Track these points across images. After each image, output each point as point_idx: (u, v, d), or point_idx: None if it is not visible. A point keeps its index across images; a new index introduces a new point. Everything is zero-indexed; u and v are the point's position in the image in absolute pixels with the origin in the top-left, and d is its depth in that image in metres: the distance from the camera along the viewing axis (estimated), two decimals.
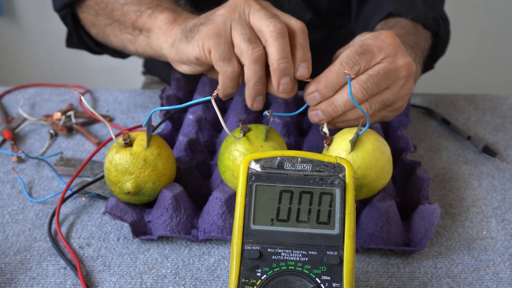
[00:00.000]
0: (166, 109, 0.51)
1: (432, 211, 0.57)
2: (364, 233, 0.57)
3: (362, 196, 0.58)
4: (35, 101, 0.84)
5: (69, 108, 0.80)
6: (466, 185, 0.67)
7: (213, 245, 0.59)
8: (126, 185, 0.57)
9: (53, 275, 0.55)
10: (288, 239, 0.45)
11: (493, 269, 0.56)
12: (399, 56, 0.59)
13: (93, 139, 0.74)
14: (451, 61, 1.70)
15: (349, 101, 0.57)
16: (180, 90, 0.82)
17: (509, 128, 0.78)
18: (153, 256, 0.58)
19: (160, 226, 0.59)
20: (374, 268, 0.56)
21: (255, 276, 0.44)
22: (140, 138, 0.59)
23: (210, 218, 0.58)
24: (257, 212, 0.45)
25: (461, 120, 0.80)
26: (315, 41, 0.94)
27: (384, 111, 0.61)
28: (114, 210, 0.59)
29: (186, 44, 0.61)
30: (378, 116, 0.61)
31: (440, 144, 0.75)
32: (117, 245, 0.59)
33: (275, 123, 0.70)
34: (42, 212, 0.63)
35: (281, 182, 0.46)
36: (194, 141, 0.67)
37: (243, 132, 0.57)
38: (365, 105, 0.58)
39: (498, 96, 0.86)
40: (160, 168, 0.58)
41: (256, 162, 0.46)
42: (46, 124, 0.79)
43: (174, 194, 0.58)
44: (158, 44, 0.67)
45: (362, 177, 0.55)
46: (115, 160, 0.58)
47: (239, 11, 0.59)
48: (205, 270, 0.56)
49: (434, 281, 0.55)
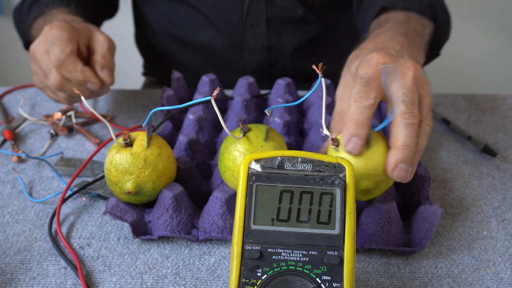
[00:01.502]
0: (166, 109, 0.51)
1: (432, 211, 0.57)
2: (364, 233, 0.57)
3: (377, 194, 0.57)
4: (35, 101, 0.84)
5: (69, 108, 0.80)
6: (467, 185, 0.67)
7: (213, 245, 0.59)
8: (126, 185, 0.57)
9: (54, 275, 0.55)
10: (289, 239, 0.45)
11: (494, 269, 0.56)
12: (406, 70, 0.56)
13: (93, 139, 0.74)
14: (451, 61, 1.70)
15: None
16: (181, 90, 0.82)
17: (509, 128, 0.78)
18: (154, 256, 0.58)
19: (161, 226, 0.59)
20: (374, 268, 0.56)
21: (256, 276, 0.44)
22: (141, 138, 0.59)
23: (211, 218, 0.58)
24: (258, 212, 0.45)
25: (461, 120, 0.80)
26: (308, 38, 0.94)
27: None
28: (114, 210, 0.59)
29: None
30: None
31: (441, 144, 0.75)
32: (118, 245, 0.59)
33: (275, 123, 0.70)
34: (43, 212, 0.63)
35: (282, 182, 0.46)
36: (194, 141, 0.67)
37: (243, 132, 0.57)
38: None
39: (498, 96, 0.86)
40: (161, 168, 0.58)
41: (257, 162, 0.46)
42: (46, 124, 0.79)
43: (174, 194, 0.58)
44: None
45: (382, 173, 0.55)
46: (115, 160, 0.57)
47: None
48: (206, 270, 0.56)
49: (434, 281, 0.55)
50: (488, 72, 1.82)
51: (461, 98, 0.85)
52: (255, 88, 0.81)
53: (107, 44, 0.71)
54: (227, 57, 0.97)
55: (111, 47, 0.72)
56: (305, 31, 0.59)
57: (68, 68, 0.67)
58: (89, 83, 0.68)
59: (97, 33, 0.72)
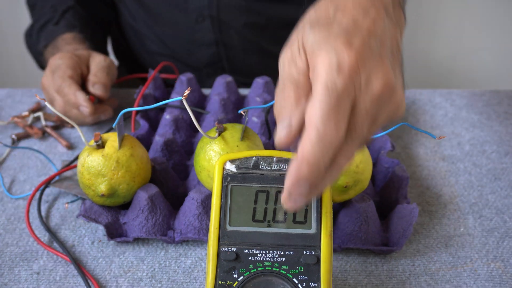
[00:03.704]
0: (136, 110, 0.50)
1: (410, 210, 0.57)
2: (342, 232, 0.57)
3: (352, 195, 0.57)
4: (6, 103, 0.82)
5: (37, 107, 0.79)
6: (443, 182, 0.68)
7: (189, 247, 0.58)
8: (99, 187, 0.56)
9: (26, 281, 0.54)
10: (265, 240, 0.44)
11: (471, 266, 0.56)
12: (374, 76, 0.38)
13: (63, 142, 0.73)
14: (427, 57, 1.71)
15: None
16: (157, 89, 0.81)
17: (486, 124, 0.79)
18: (129, 259, 0.56)
19: (136, 227, 0.58)
20: (352, 266, 0.56)
21: (232, 278, 0.43)
22: (112, 139, 0.57)
23: (187, 219, 0.57)
24: (233, 213, 0.45)
25: (438, 116, 0.80)
26: (289, 18, 0.91)
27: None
28: (88, 212, 0.58)
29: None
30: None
31: (417, 141, 0.75)
32: (92, 248, 0.58)
33: (253, 122, 0.70)
34: (14, 217, 0.62)
35: (257, 182, 0.45)
36: (171, 141, 0.66)
37: (219, 131, 0.57)
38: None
39: (475, 93, 0.86)
40: (134, 168, 0.57)
41: (231, 163, 0.46)
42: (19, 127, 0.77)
43: (149, 195, 0.57)
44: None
45: (361, 172, 0.54)
46: (87, 163, 0.56)
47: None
48: (182, 273, 0.55)
49: (412, 279, 0.55)
50: (465, 69, 1.84)
51: (437, 95, 0.86)
52: (233, 87, 0.80)
53: (102, 63, 0.75)
54: (182, 52, 0.97)
55: (104, 65, 0.75)
56: (282, 10, 0.56)
57: (64, 91, 0.71)
58: (81, 107, 0.70)
59: (95, 54, 0.77)
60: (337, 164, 0.38)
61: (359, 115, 0.38)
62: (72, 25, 0.86)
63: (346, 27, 0.40)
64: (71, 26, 0.86)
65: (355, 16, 0.41)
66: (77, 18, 0.88)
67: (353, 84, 0.37)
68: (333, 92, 0.36)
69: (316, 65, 0.38)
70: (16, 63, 1.88)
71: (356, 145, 0.38)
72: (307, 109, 0.37)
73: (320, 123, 0.36)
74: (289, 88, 0.39)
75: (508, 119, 0.80)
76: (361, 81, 0.38)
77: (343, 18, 0.41)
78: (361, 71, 0.38)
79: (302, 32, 0.41)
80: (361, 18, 0.41)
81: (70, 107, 0.71)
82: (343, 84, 0.37)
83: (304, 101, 0.38)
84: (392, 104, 0.39)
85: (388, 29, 0.42)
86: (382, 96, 0.38)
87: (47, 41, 0.85)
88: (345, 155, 0.38)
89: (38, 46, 0.87)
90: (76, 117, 0.72)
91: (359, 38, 0.39)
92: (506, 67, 1.71)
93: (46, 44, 0.85)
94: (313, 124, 0.36)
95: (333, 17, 0.41)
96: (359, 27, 0.40)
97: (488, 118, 0.80)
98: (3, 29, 1.83)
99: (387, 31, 0.41)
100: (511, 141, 0.75)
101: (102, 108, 0.73)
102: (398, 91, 0.39)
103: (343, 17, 0.41)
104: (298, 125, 0.38)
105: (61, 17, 0.87)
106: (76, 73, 0.73)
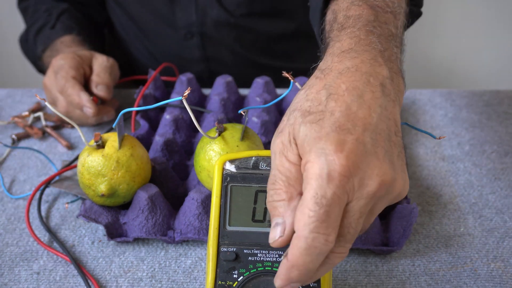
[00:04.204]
0: (136, 110, 0.50)
1: (410, 210, 0.57)
2: None
3: None
4: (6, 103, 0.82)
5: (37, 107, 0.79)
6: (443, 182, 0.68)
7: (189, 247, 0.58)
8: (99, 187, 0.56)
9: (26, 281, 0.54)
10: (264, 240, 0.44)
11: (471, 266, 0.56)
12: (367, 176, 0.37)
13: (63, 142, 0.73)
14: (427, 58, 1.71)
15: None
16: (157, 89, 0.81)
17: (486, 124, 0.79)
18: (129, 259, 0.57)
19: (136, 227, 0.58)
20: (352, 266, 0.56)
21: (232, 278, 0.44)
22: (112, 139, 0.57)
23: (187, 219, 0.57)
24: (233, 213, 0.45)
25: (438, 116, 0.80)
26: (279, 32, 0.91)
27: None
28: (88, 212, 0.58)
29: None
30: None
31: (417, 141, 0.75)
32: (92, 248, 0.58)
33: (253, 122, 0.70)
34: (14, 217, 0.62)
35: (257, 182, 0.45)
36: (171, 141, 0.66)
37: (219, 131, 0.57)
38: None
39: (475, 93, 0.86)
40: (134, 168, 0.57)
41: (231, 163, 0.46)
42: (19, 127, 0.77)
43: (149, 195, 0.57)
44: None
45: None
46: (87, 163, 0.56)
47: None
48: (182, 273, 0.55)
49: (412, 279, 0.55)
50: (465, 69, 1.84)
51: (437, 95, 0.86)
52: (233, 87, 0.80)
53: (105, 63, 0.75)
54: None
55: (107, 66, 0.75)
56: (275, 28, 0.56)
57: (68, 92, 0.71)
58: (84, 108, 0.70)
59: (97, 55, 0.76)
60: (330, 261, 0.38)
61: (352, 216, 0.37)
62: (69, 28, 0.86)
63: (338, 120, 0.37)
64: (69, 28, 0.86)
65: (349, 104, 0.38)
66: (74, 21, 0.88)
67: (345, 191, 0.36)
68: (322, 203, 0.35)
69: (307, 168, 0.37)
70: (16, 63, 1.88)
71: (350, 242, 0.38)
72: (296, 214, 0.36)
73: (309, 234, 0.35)
74: (280, 183, 0.38)
75: (508, 119, 0.80)
76: (354, 185, 0.36)
77: (335, 106, 0.38)
78: (354, 175, 0.36)
79: (293, 122, 0.39)
80: (355, 107, 0.38)
81: (73, 107, 0.71)
82: (333, 194, 0.35)
83: (297, 200, 0.38)
84: (391, 194, 0.38)
85: (385, 111, 0.39)
86: (377, 193, 0.37)
87: (45, 45, 0.84)
88: (338, 255, 0.38)
89: (35, 50, 0.86)
90: (78, 117, 0.72)
91: (353, 136, 0.37)
92: (506, 67, 1.71)
93: (44, 48, 0.84)
94: (301, 234, 0.36)
95: (325, 105, 0.38)
96: (353, 120, 0.37)
97: (488, 118, 0.80)
98: (3, 29, 1.83)
99: (383, 116, 0.39)
100: (511, 141, 0.75)
101: (105, 109, 0.73)
102: (397, 181, 0.38)
103: (336, 105, 0.38)
104: (291, 229, 0.38)
105: (56, 21, 0.87)
106: (79, 73, 0.73)
